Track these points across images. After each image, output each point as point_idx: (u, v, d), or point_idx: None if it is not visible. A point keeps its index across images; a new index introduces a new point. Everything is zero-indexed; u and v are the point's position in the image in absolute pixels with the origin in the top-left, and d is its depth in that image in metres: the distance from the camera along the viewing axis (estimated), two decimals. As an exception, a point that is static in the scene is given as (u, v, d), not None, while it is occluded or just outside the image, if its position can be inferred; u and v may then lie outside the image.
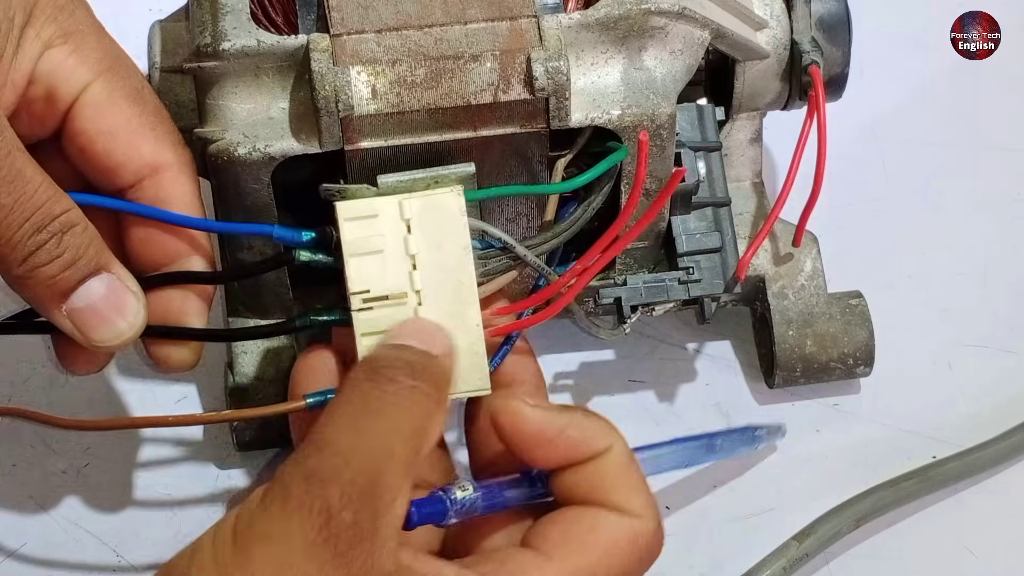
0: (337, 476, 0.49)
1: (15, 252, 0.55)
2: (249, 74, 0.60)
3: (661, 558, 0.68)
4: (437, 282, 0.56)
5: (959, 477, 0.70)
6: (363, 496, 0.49)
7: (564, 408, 0.55)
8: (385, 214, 0.56)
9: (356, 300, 0.55)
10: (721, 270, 0.67)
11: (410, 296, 0.56)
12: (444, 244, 0.56)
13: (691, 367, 0.73)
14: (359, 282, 0.55)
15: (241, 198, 0.61)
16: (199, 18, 0.61)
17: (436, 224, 0.56)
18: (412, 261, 0.56)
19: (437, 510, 0.54)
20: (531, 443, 0.54)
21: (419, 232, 0.56)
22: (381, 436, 0.50)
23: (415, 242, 0.56)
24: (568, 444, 0.54)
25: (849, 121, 0.76)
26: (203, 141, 0.60)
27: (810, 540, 0.67)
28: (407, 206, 0.56)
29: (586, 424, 0.55)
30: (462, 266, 0.56)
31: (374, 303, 0.55)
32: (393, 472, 0.50)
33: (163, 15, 0.65)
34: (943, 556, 0.69)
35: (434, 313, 0.56)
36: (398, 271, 0.56)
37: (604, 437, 0.55)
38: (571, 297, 0.60)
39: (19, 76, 0.57)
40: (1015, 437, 0.70)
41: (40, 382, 0.71)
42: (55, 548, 0.67)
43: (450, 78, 0.59)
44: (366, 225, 0.56)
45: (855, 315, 0.70)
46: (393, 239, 0.56)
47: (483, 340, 0.57)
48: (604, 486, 0.54)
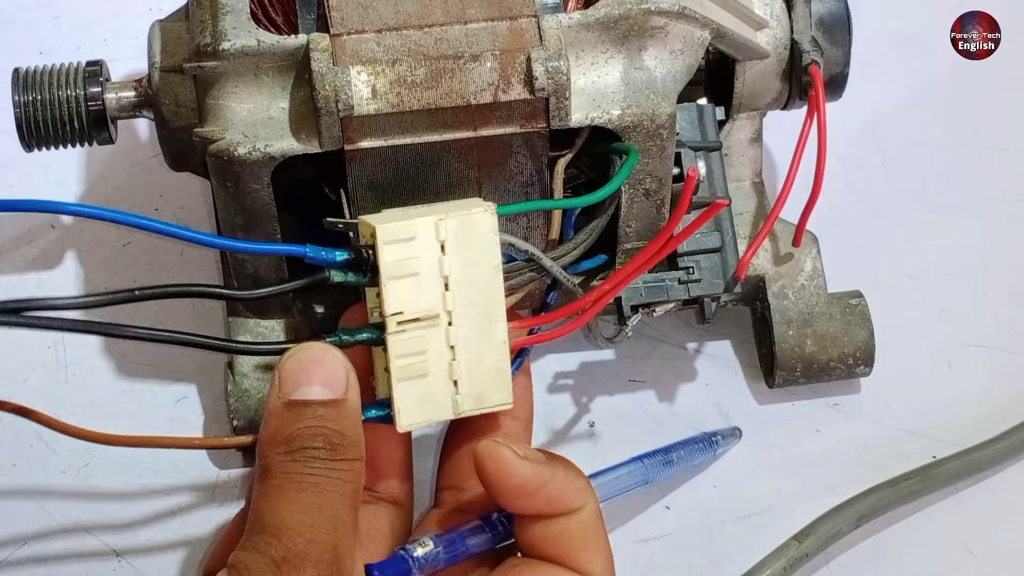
0: (306, 558, 0.50)
1: None
2: (249, 74, 0.60)
3: (661, 558, 0.69)
4: (467, 301, 0.56)
5: (959, 477, 0.70)
6: (332, 571, 0.50)
7: (549, 460, 0.56)
8: (421, 235, 0.55)
9: (392, 323, 0.55)
10: (721, 270, 0.67)
11: (441, 316, 0.56)
12: (475, 263, 0.56)
13: (691, 367, 0.73)
14: (395, 305, 0.55)
15: (241, 198, 0.61)
16: (199, 18, 0.61)
17: (469, 243, 0.56)
18: (445, 281, 0.56)
19: (400, 571, 0.55)
20: (512, 492, 0.55)
21: (452, 252, 0.56)
22: (327, 508, 0.52)
23: (448, 262, 0.56)
24: (547, 498, 0.55)
25: (849, 121, 0.76)
26: (203, 141, 0.60)
27: (810, 540, 0.67)
28: (443, 227, 0.55)
29: (567, 482, 0.56)
30: (492, 284, 0.56)
31: (407, 325, 0.55)
32: (347, 539, 0.52)
33: (163, 15, 0.65)
34: (943, 556, 0.69)
35: (463, 332, 0.56)
36: (431, 292, 0.55)
37: (580, 496, 0.56)
38: (595, 312, 0.61)
39: None
40: (1015, 437, 0.71)
41: (40, 382, 0.71)
42: (55, 548, 0.67)
43: (450, 78, 0.59)
44: (403, 248, 0.55)
45: (855, 315, 0.70)
46: (428, 260, 0.55)
47: (508, 356, 0.57)
48: (572, 546, 0.56)
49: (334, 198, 0.63)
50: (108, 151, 0.71)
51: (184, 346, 0.56)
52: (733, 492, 0.70)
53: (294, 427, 0.53)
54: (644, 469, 0.66)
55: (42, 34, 0.80)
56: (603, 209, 0.63)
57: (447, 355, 0.56)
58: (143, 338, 0.57)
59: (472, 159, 0.61)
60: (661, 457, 0.67)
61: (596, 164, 0.63)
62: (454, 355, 0.56)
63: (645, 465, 0.66)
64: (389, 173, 0.61)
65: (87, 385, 0.71)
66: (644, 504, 0.70)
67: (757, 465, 0.71)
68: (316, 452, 0.52)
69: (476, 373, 0.56)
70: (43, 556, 0.67)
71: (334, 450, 0.53)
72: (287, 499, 0.52)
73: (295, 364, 0.54)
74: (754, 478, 0.71)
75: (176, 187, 0.75)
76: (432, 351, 0.56)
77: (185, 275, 0.74)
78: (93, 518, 0.68)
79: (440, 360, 0.56)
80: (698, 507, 0.70)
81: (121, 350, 0.71)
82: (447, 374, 0.56)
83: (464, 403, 0.56)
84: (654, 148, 0.62)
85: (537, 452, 0.56)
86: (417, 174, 0.61)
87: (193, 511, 0.68)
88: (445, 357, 0.56)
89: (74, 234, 0.75)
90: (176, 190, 0.75)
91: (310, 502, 0.52)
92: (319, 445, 0.53)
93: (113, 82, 0.65)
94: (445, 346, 0.56)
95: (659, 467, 0.67)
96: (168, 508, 0.68)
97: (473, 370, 0.56)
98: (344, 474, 0.53)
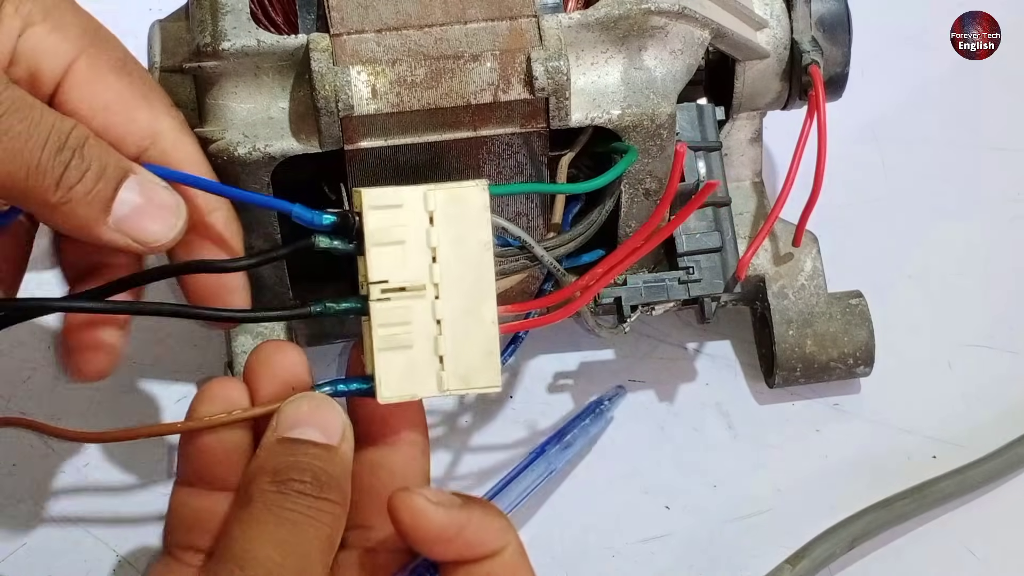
0: None
1: (46, 177, 0.53)
2: (249, 74, 0.60)
3: (661, 558, 0.69)
4: (455, 276, 0.55)
5: (953, 496, 0.69)
6: None
7: (464, 504, 0.54)
8: (409, 204, 0.55)
9: (375, 290, 0.55)
10: (721, 270, 0.67)
11: (428, 288, 0.55)
12: (465, 238, 0.55)
13: (691, 367, 0.73)
14: (379, 272, 0.55)
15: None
16: (199, 18, 0.61)
17: (458, 217, 0.55)
18: (432, 253, 0.55)
19: None
20: (429, 540, 0.53)
21: (441, 224, 0.55)
22: (301, 548, 0.51)
23: (436, 234, 0.55)
24: (465, 543, 0.54)
25: (849, 121, 0.76)
26: (203, 141, 0.60)
27: (804, 563, 0.66)
28: (431, 197, 0.55)
29: (484, 524, 0.54)
30: (481, 262, 0.56)
31: (392, 294, 0.55)
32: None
33: (163, 15, 0.65)
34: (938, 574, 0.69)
35: (451, 306, 0.55)
36: (418, 262, 0.55)
37: (500, 537, 0.54)
38: (586, 300, 0.61)
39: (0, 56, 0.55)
40: (1009, 453, 0.70)
41: (40, 382, 0.71)
42: (55, 548, 0.67)
43: (450, 78, 0.59)
44: (390, 215, 0.55)
45: (855, 315, 0.70)
46: (415, 230, 0.55)
47: (497, 337, 0.56)
48: None
49: (334, 198, 0.63)
50: (108, 151, 0.71)
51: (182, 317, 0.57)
52: (733, 492, 0.70)
53: (284, 460, 0.53)
54: (544, 461, 0.67)
55: (42, 34, 0.80)
56: (601, 202, 0.63)
57: (433, 329, 0.55)
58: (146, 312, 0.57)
59: (472, 159, 0.61)
60: (557, 442, 0.67)
61: (597, 164, 0.63)
62: (440, 330, 0.55)
63: (547, 456, 0.67)
64: (389, 173, 0.61)
65: (87, 385, 0.71)
66: (644, 504, 0.70)
67: (757, 465, 0.71)
68: (302, 486, 0.52)
69: (463, 351, 0.55)
70: (43, 556, 0.67)
71: (319, 487, 0.52)
72: (262, 531, 0.52)
73: (294, 409, 0.54)
74: (754, 478, 0.71)
75: (176, 187, 0.75)
76: (417, 323, 0.55)
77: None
78: (93, 518, 0.68)
79: (425, 333, 0.55)
80: (698, 507, 0.70)
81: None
82: (432, 348, 0.55)
83: (449, 381, 0.55)
84: (654, 148, 0.62)
85: (451, 496, 0.54)
86: (417, 174, 0.61)
87: (193, 511, 0.68)
88: (431, 331, 0.55)
89: (74, 234, 0.75)
90: (176, 190, 0.75)
91: (283, 539, 0.51)
92: (306, 479, 0.52)
93: (113, 82, 0.65)
94: (431, 319, 0.55)
95: (560, 452, 0.67)
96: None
97: (460, 347, 0.55)
98: (324, 515, 0.52)
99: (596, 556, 0.68)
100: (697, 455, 0.71)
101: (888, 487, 0.69)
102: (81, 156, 0.54)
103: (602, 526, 0.69)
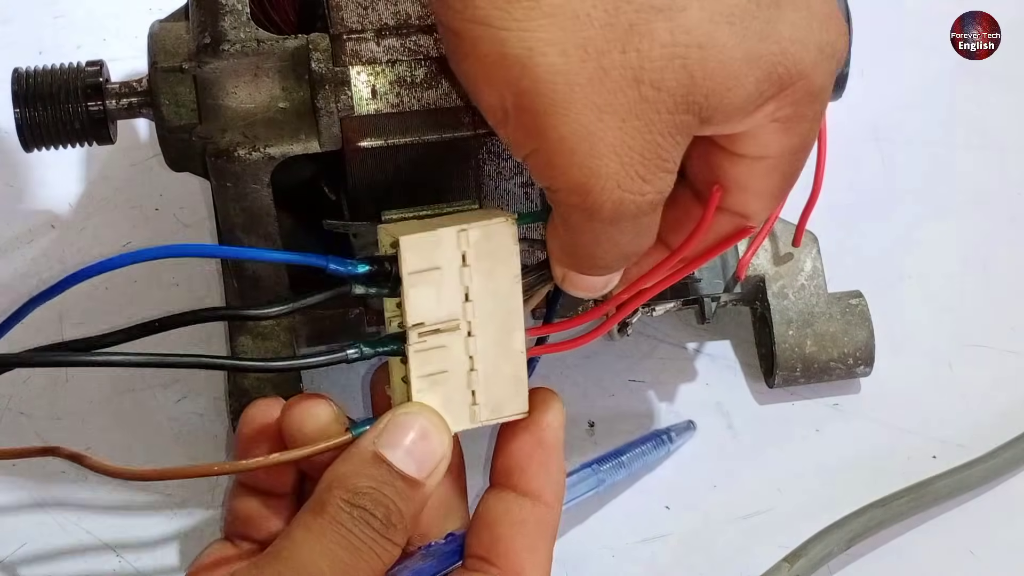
0: None
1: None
2: (249, 74, 0.60)
3: (661, 558, 0.69)
4: (488, 312, 0.55)
5: (950, 495, 0.69)
6: None
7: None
8: (443, 246, 0.55)
9: (413, 334, 0.55)
10: (721, 270, 0.67)
11: (462, 327, 0.55)
12: (496, 273, 0.55)
13: (691, 367, 0.73)
14: (416, 315, 0.55)
15: (241, 198, 0.61)
16: (199, 18, 0.61)
17: (489, 253, 0.55)
18: (465, 291, 0.55)
19: None
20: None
21: (474, 263, 0.55)
22: (352, 573, 0.53)
23: (470, 273, 0.55)
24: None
25: (849, 121, 0.76)
26: (203, 141, 0.60)
27: (801, 562, 0.66)
28: (464, 238, 0.55)
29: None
30: (511, 293, 0.56)
31: (428, 336, 0.55)
32: None
33: (163, 15, 0.65)
34: (935, 572, 0.69)
35: (482, 341, 0.55)
36: (452, 301, 0.55)
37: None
38: (614, 323, 0.60)
39: None
40: (1008, 454, 0.70)
41: (41, 382, 0.71)
42: (55, 548, 0.67)
43: (450, 78, 0.59)
44: (425, 258, 0.54)
45: (855, 315, 0.70)
46: (449, 271, 0.55)
47: (525, 365, 0.56)
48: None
49: (334, 198, 0.63)
50: (108, 151, 0.71)
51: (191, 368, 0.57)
52: (733, 492, 0.70)
53: (366, 483, 0.54)
54: (597, 475, 0.67)
55: (42, 34, 0.80)
56: None
57: (466, 365, 0.55)
58: (152, 364, 0.56)
59: (472, 159, 0.61)
60: (614, 461, 0.68)
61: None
62: (472, 365, 0.55)
63: (598, 471, 0.67)
64: (389, 173, 0.61)
65: (87, 385, 0.71)
66: (644, 504, 0.70)
67: (757, 465, 0.71)
68: (372, 520, 0.53)
69: (493, 383, 0.56)
70: (43, 556, 0.67)
71: (388, 527, 0.53)
72: (323, 544, 0.53)
73: (408, 421, 0.55)
74: (754, 478, 0.71)
75: (176, 187, 0.75)
76: (451, 361, 0.55)
77: (184, 275, 0.74)
78: (93, 518, 0.68)
79: (459, 370, 0.55)
80: (698, 507, 0.70)
81: (121, 350, 0.72)
82: (465, 384, 0.56)
83: (482, 413, 0.56)
84: (654, 148, 0.62)
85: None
86: (417, 174, 0.61)
87: (193, 511, 0.68)
88: (464, 367, 0.55)
89: (74, 234, 0.75)
90: (176, 190, 0.75)
91: (340, 558, 0.53)
92: (378, 515, 0.53)
93: (113, 82, 0.65)
94: (464, 356, 0.55)
95: (613, 470, 0.67)
96: (168, 508, 0.68)
97: (490, 380, 0.56)
98: (383, 552, 0.53)
99: (596, 556, 0.68)
100: (697, 455, 0.71)
101: (888, 487, 0.69)
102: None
103: (602, 526, 0.69)
